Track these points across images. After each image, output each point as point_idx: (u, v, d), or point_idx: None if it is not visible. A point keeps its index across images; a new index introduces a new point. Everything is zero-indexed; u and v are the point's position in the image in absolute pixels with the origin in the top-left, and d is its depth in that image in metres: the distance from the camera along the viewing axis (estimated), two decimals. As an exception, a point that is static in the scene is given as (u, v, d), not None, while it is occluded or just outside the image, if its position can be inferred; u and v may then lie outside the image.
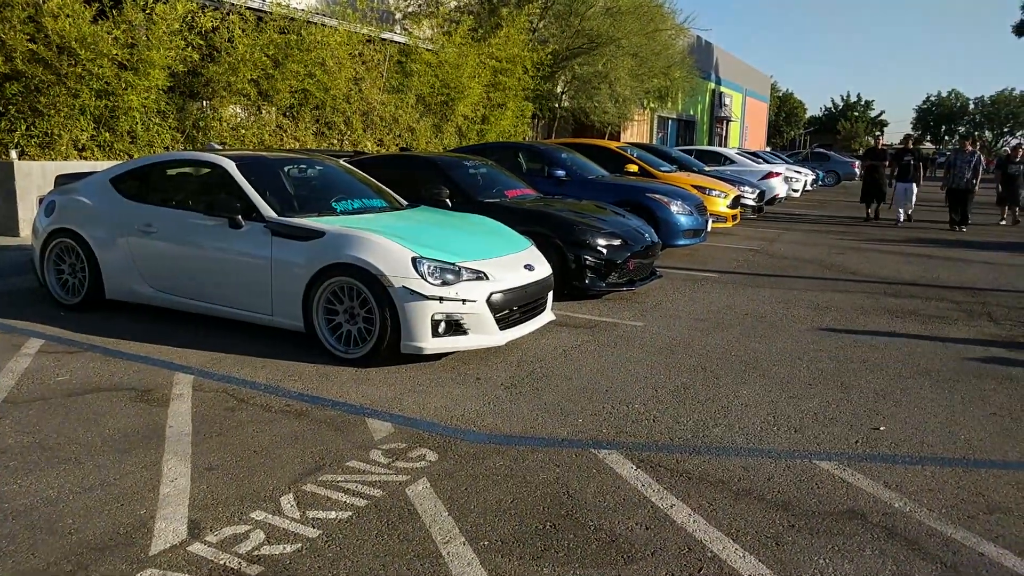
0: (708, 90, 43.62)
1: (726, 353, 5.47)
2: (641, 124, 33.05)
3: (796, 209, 19.34)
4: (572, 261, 6.91)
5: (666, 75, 26.47)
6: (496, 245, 5.42)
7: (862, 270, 9.52)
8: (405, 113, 14.96)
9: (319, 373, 4.69)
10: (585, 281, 6.95)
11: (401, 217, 5.78)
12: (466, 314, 4.75)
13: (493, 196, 7.70)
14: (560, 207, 7.61)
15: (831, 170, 32.62)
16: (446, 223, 5.92)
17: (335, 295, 4.89)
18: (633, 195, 9.80)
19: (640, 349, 5.52)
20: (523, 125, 19.52)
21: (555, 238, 6.96)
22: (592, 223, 7.18)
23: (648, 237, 7.51)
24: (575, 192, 9.85)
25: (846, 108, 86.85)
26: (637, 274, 7.37)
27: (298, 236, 5.00)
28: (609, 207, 8.24)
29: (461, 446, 3.64)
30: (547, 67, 18.57)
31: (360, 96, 13.81)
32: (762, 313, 6.86)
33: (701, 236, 10.11)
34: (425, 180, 7.63)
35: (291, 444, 3.59)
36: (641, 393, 4.53)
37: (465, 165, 8.02)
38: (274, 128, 12.12)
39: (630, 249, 7.15)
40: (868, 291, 8.13)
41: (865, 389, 4.73)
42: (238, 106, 11.68)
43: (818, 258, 10.49)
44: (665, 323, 6.36)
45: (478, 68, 16.48)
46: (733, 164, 18.27)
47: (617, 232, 7.22)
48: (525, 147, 11.23)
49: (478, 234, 5.68)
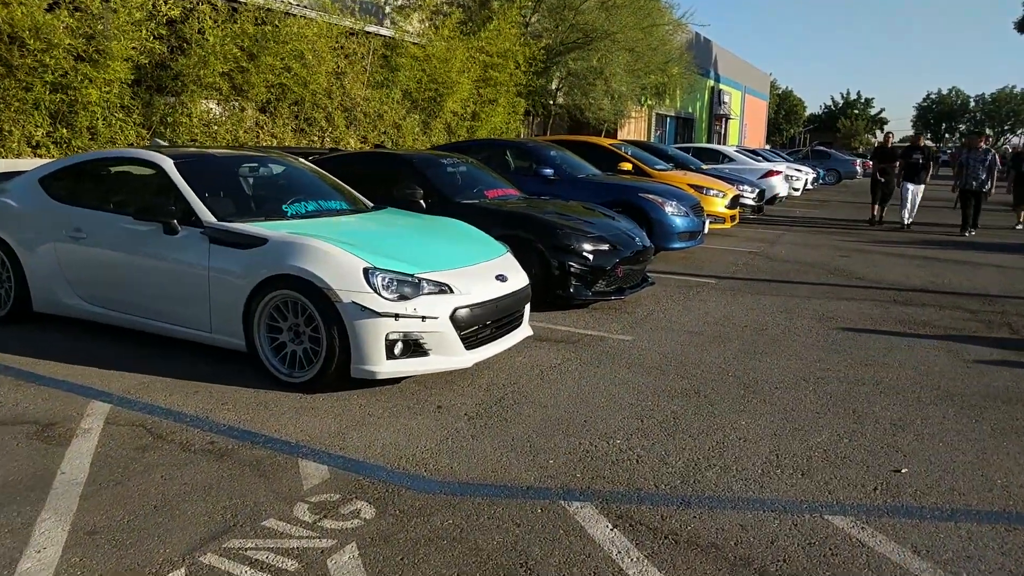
0: (707, 87, 43.03)
1: (723, 373, 4.89)
2: (639, 122, 32.46)
3: (797, 208, 18.75)
4: (555, 268, 6.33)
5: (663, 71, 25.84)
6: (466, 253, 4.84)
7: (868, 275, 8.94)
8: (390, 109, 14.35)
9: (258, 401, 4.11)
10: (570, 289, 6.36)
11: (361, 221, 5.19)
12: (426, 333, 4.17)
13: (472, 197, 7.11)
14: (544, 209, 7.02)
15: (832, 168, 32.03)
16: (412, 228, 5.34)
17: (278, 311, 4.31)
18: (625, 195, 9.22)
19: (627, 368, 4.94)
20: (515, 122, 18.90)
21: (537, 243, 6.38)
22: (578, 226, 6.60)
23: (639, 241, 6.92)
24: (564, 192, 9.27)
25: (846, 106, 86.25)
26: (627, 281, 6.79)
27: (238, 244, 4.42)
28: (598, 208, 7.66)
29: (406, 497, 3.05)
30: (540, 62, 17.94)
31: (342, 91, 13.22)
32: (763, 325, 6.28)
33: (698, 238, 9.53)
34: (398, 179, 7.07)
35: (202, 496, 3.00)
36: (625, 424, 3.94)
37: (442, 163, 7.44)
38: (250, 125, 11.53)
39: (619, 254, 6.57)
40: (876, 299, 7.54)
41: (880, 418, 4.15)
42: (212, 101, 11.09)
43: (821, 261, 9.91)
44: (656, 337, 5.77)
45: (467, 63, 15.87)
46: (732, 162, 17.68)
47: (605, 236, 6.63)
48: (512, 144, 10.64)
49: (446, 240, 5.10)
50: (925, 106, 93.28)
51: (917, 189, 14.26)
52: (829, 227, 14.51)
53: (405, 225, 5.36)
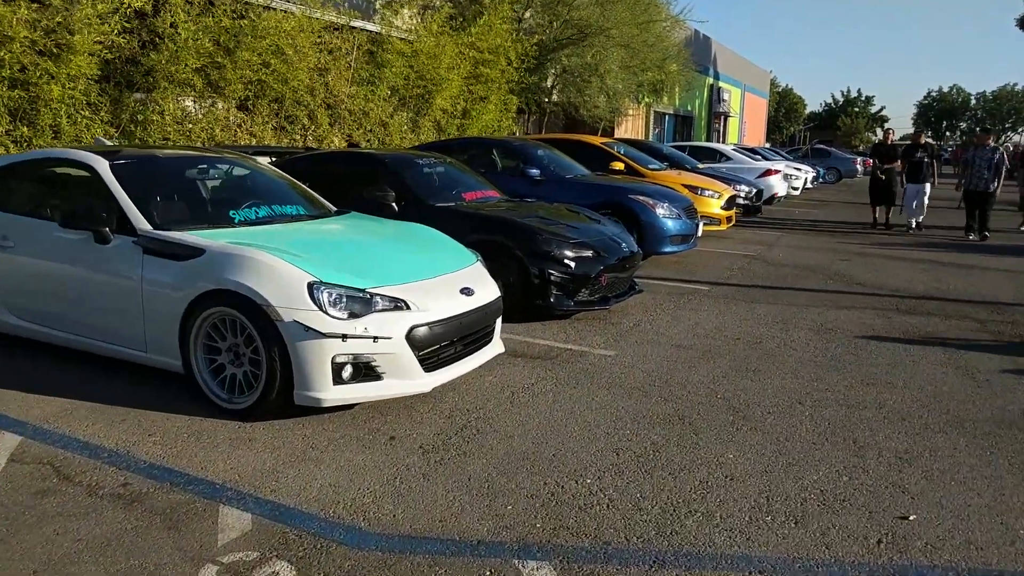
0: (706, 85, 42.60)
1: (711, 395, 4.47)
2: (637, 119, 32.02)
3: (796, 208, 18.32)
4: (535, 276, 5.90)
5: (661, 68, 25.38)
6: (429, 263, 4.41)
7: (869, 280, 8.51)
8: (377, 107, 13.91)
9: (191, 431, 3.68)
10: (550, 299, 5.93)
11: (317, 229, 4.76)
12: (379, 354, 3.75)
13: (449, 199, 6.68)
14: (524, 212, 6.59)
15: (832, 167, 31.59)
16: (373, 235, 4.91)
17: (216, 329, 3.88)
18: (615, 196, 8.79)
19: (607, 389, 4.52)
20: (508, 120, 18.46)
21: (515, 249, 5.95)
22: (559, 231, 6.17)
23: (625, 247, 6.49)
24: (550, 193, 8.84)
25: (846, 104, 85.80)
26: (612, 290, 6.37)
27: (173, 254, 3.99)
28: (584, 211, 7.23)
29: (335, 556, 2.63)
30: (533, 59, 17.50)
31: (325, 88, 12.78)
32: (757, 337, 5.85)
33: (691, 242, 9.10)
34: (370, 180, 6.65)
35: (95, 557, 2.58)
36: (598, 459, 3.52)
37: (418, 163, 7.01)
38: (228, 123, 11.10)
39: (603, 261, 6.14)
40: (878, 306, 7.12)
41: (884, 450, 3.73)
42: (187, 99, 10.66)
43: (821, 265, 9.48)
44: (641, 351, 5.35)
45: (457, 59, 15.43)
46: (729, 161, 17.24)
47: (588, 241, 6.20)
48: (497, 143, 10.21)
49: (410, 249, 4.67)
50: (926, 104, 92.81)
51: (922, 190, 13.43)
52: (830, 228, 14.08)
53: (366, 232, 4.93)
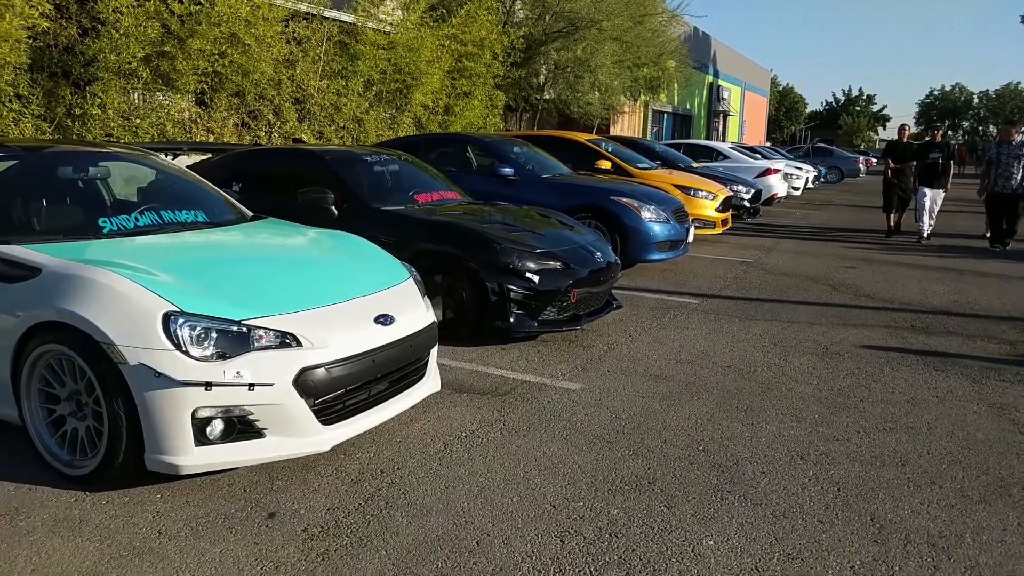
0: (705, 83, 41.84)
1: (691, 447, 3.61)
2: (634, 118, 31.19)
3: (797, 210, 17.46)
4: (492, 292, 5.04)
5: (657, 64, 24.57)
6: (342, 283, 3.54)
7: (879, 292, 7.65)
8: (351, 102, 13.06)
9: (7, 507, 2.83)
10: (510, 320, 5.07)
11: (209, 241, 3.89)
12: (258, 406, 2.89)
13: (397, 201, 5.83)
14: (484, 217, 5.74)
15: (834, 166, 30.73)
16: (280, 247, 4.06)
17: (54, 371, 3.03)
18: (595, 198, 7.93)
19: (564, 439, 3.66)
20: (494, 117, 17.60)
21: (469, 261, 5.10)
22: (522, 240, 5.31)
23: (600, 257, 5.62)
24: (525, 194, 7.99)
25: (847, 103, 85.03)
26: (584, 307, 5.51)
27: (4, 275, 3.14)
28: (556, 216, 6.37)
29: None
30: (520, 52, 16.64)
31: (292, 82, 11.92)
32: (750, 365, 4.99)
33: (680, 248, 8.24)
34: (308, 180, 5.81)
35: None
36: (535, 550, 2.66)
37: (364, 161, 6.15)
38: (182, 118, 10.24)
39: (573, 274, 5.28)
40: (890, 324, 6.26)
41: (912, 532, 2.87)
42: (138, 91, 9.82)
43: (824, 274, 8.62)
44: (613, 384, 4.49)
45: (438, 52, 14.58)
46: (726, 160, 16.36)
47: (556, 252, 5.35)
48: (467, 139, 9.33)
49: (322, 265, 3.81)
50: (928, 103, 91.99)
51: (936, 195, 11.82)
52: (833, 232, 13.22)
53: (273, 245, 4.08)
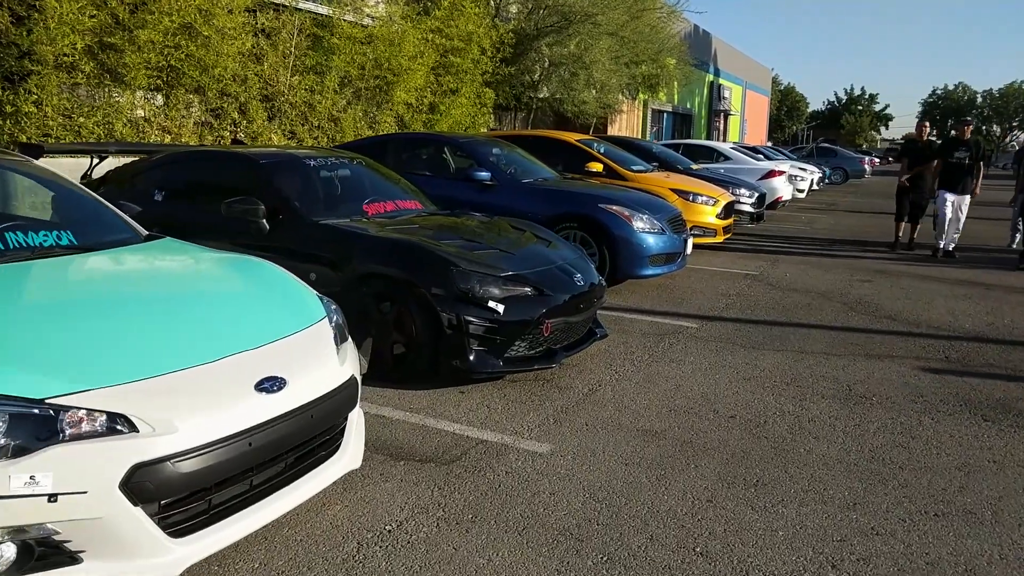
0: (706, 82, 41.02)
1: (684, 546, 2.73)
2: (632, 116, 30.32)
3: (803, 213, 16.58)
4: (449, 325, 4.16)
5: (656, 61, 23.69)
6: (220, 333, 2.64)
7: (901, 312, 6.77)
8: (325, 99, 12.17)
9: None
10: (469, 358, 4.19)
11: (56, 274, 2.99)
12: (68, 522, 2.02)
13: (341, 214, 4.95)
14: (443, 232, 4.86)
15: (838, 167, 29.83)
16: (153, 281, 3.17)
17: None
18: (581, 206, 7.05)
19: (520, 535, 2.79)
20: (484, 115, 16.71)
21: (419, 286, 4.22)
22: (486, 260, 4.44)
23: (580, 279, 4.74)
24: (502, 201, 7.15)
25: (850, 102, 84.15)
26: (561, 339, 4.63)
27: None
28: (533, 229, 5.49)
29: None
30: (509, 48, 15.76)
31: (260, 78, 11.03)
32: (760, 414, 4.11)
33: (678, 261, 7.36)
34: (239, 189, 4.96)
35: None
36: None
37: (307, 166, 5.26)
38: (134, 115, 9.36)
39: (547, 301, 4.40)
40: (920, 354, 5.38)
41: None
42: (85, 87, 8.95)
43: (838, 289, 7.73)
44: (591, 444, 3.62)
45: (421, 46, 13.70)
46: (728, 161, 15.47)
47: (527, 274, 4.47)
48: (440, 140, 8.43)
49: (199, 307, 2.91)
50: (931, 102, 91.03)
51: (960, 201, 10.00)
52: (842, 238, 12.33)
53: (145, 278, 3.19)
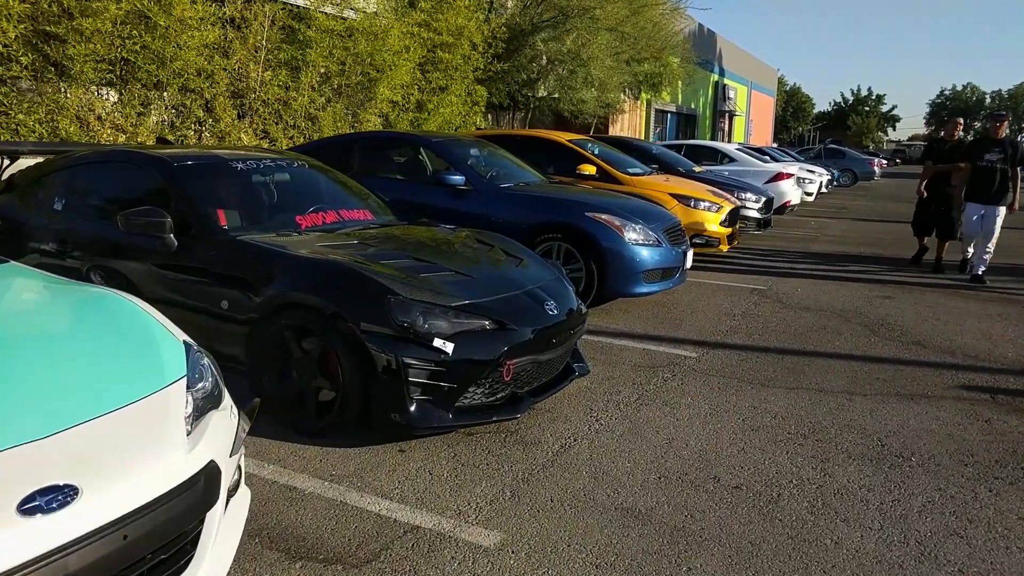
0: (711, 82, 40.27)
1: None
2: (634, 117, 29.51)
3: (812, 218, 15.72)
4: (384, 368, 3.33)
5: (658, 59, 22.87)
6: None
7: (931, 337, 5.92)
8: (301, 96, 11.35)
9: None
10: (410, 410, 3.36)
11: None
12: None
13: (267, 227, 4.14)
14: (386, 250, 4.03)
15: (847, 168, 28.92)
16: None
17: None
18: (566, 214, 6.21)
19: None
20: (475, 114, 15.87)
21: (347, 319, 3.38)
22: (434, 286, 3.60)
23: (554, 307, 3.90)
24: (478, 208, 6.35)
25: (856, 103, 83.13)
26: (528, 381, 3.79)
27: None
28: (502, 244, 4.65)
29: None
30: (502, 43, 14.92)
31: (228, 73, 10.22)
32: (771, 485, 3.27)
33: (676, 276, 6.52)
34: (149, 196, 4.17)
35: None
36: None
37: (232, 169, 4.43)
38: (81, 112, 8.55)
39: (510, 337, 3.56)
40: (961, 393, 4.54)
41: None
42: (25, 81, 8.15)
43: (856, 308, 6.88)
44: (552, 537, 2.78)
45: (406, 41, 12.89)
46: (733, 163, 14.60)
47: (485, 303, 3.63)
48: (409, 139, 7.55)
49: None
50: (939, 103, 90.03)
51: (992, 214, 8.19)
52: (855, 249, 11.47)
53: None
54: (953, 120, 9.52)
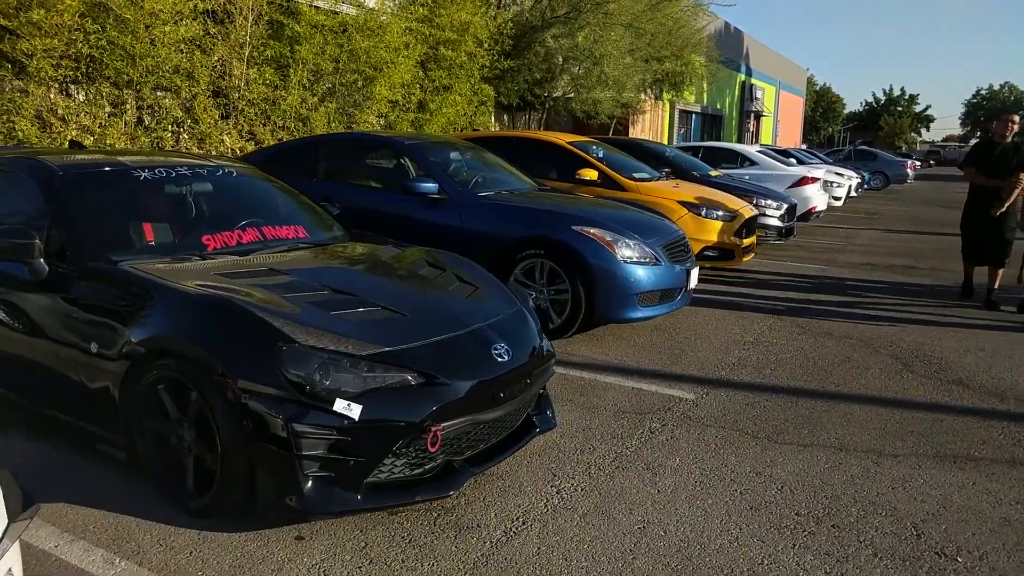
0: (737, 82, 39.16)
1: None
2: (656, 117, 28.57)
3: (839, 225, 14.76)
4: (271, 438, 2.59)
5: (680, 58, 21.95)
6: None
7: (975, 372, 5.05)
8: (291, 95, 10.69)
9: None
10: (304, 491, 2.61)
11: None
12: None
13: (163, 249, 3.43)
14: (305, 278, 3.29)
15: (878, 171, 27.68)
16: None
17: None
18: (550, 228, 5.44)
19: None
20: (483, 115, 15.13)
21: (223, 373, 2.65)
22: (344, 328, 2.85)
23: (503, 353, 3.12)
24: (451, 220, 5.62)
25: (888, 102, 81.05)
26: (466, 447, 3.03)
27: None
28: (457, 268, 3.90)
29: None
30: (508, 39, 14.16)
31: (210, 70, 9.58)
32: (772, 595, 2.49)
33: (677, 298, 5.71)
34: (30, 211, 3.50)
35: None
36: None
37: (133, 179, 3.72)
38: (43, 112, 7.95)
39: (440, 395, 2.81)
40: (1018, 457, 3.69)
41: None
42: None
43: (885, 334, 6.02)
44: None
45: (406, 37, 12.19)
46: (754, 166, 13.68)
47: (411, 350, 2.88)
48: (377, 142, 6.71)
49: None
50: (975, 103, 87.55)
51: None
52: (888, 256, 10.54)
53: None
54: (1005, 116, 7.25)
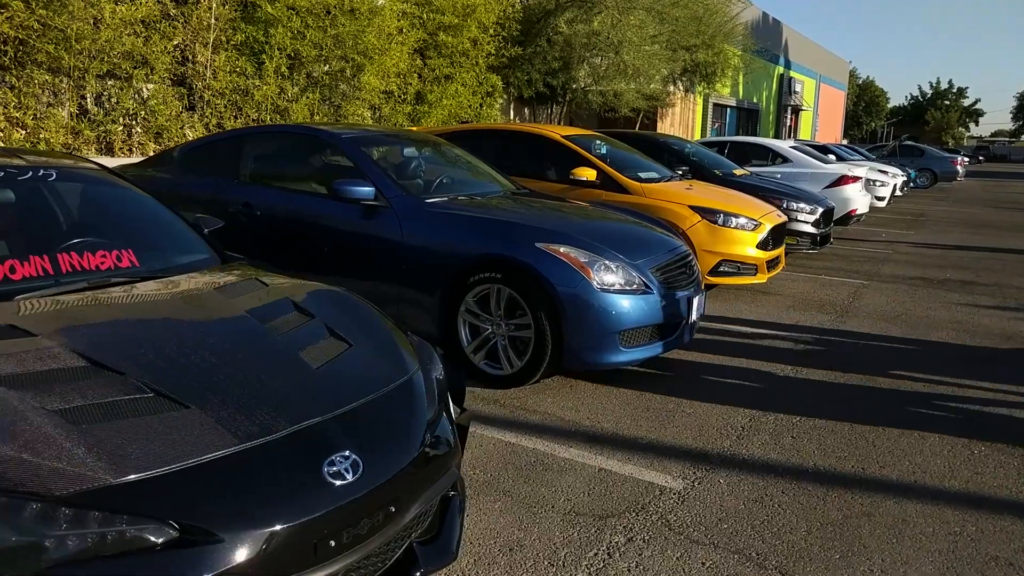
0: (775, 75, 37.47)
1: None
2: (687, 111, 27.12)
3: (882, 228, 13.30)
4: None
5: (711, 47, 20.52)
6: None
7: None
8: (265, 85, 9.65)
9: None
10: None
11: None
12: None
13: None
14: (52, 341, 2.16)
15: (925, 168, 25.91)
16: None
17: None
18: (507, 244, 4.24)
19: None
20: (491, 107, 13.98)
21: None
22: (30, 445, 1.72)
23: (344, 470, 1.96)
24: (392, 233, 4.49)
25: (935, 96, 77.94)
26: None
27: None
28: (336, 309, 2.75)
29: None
30: (515, 24, 12.99)
31: (168, 54, 8.57)
32: None
33: (675, 334, 4.48)
34: None
35: None
36: None
37: None
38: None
39: (207, 562, 1.66)
40: None
41: None
42: None
43: (941, 379, 4.73)
44: None
45: (399, 21, 11.08)
46: (787, 164, 12.28)
47: (161, 477, 1.74)
48: (311, 135, 5.44)
49: None
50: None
51: None
52: (940, 267, 9.14)
53: None
54: None
